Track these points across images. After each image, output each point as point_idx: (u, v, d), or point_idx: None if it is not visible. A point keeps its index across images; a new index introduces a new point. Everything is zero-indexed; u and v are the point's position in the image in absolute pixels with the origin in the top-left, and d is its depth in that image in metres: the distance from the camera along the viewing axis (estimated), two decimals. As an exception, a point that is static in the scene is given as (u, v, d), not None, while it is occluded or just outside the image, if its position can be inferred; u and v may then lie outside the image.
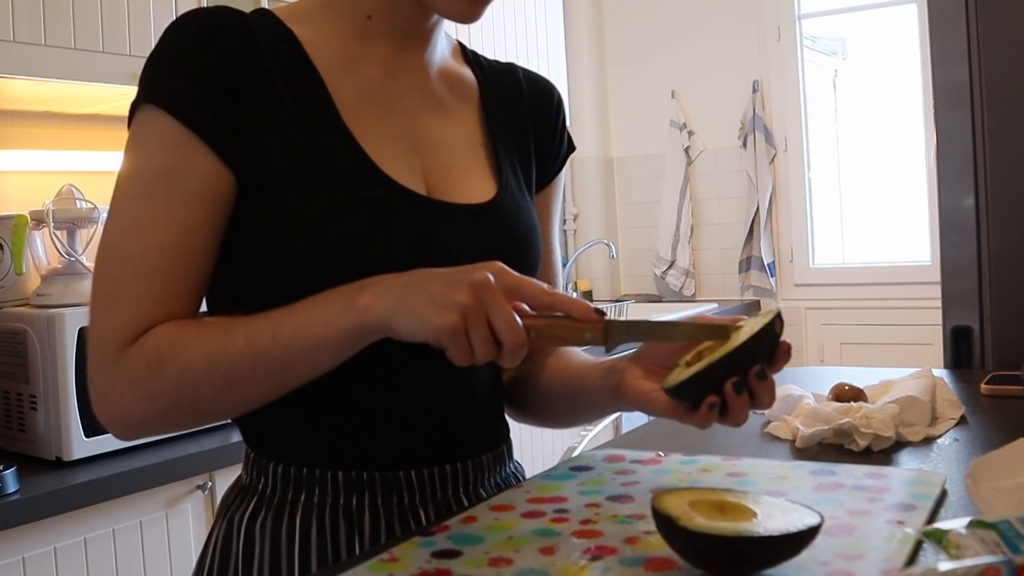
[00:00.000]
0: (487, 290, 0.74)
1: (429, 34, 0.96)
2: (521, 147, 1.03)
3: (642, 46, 4.21)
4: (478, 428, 0.96)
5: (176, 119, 0.81)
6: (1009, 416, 1.20)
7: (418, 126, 0.94)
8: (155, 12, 1.97)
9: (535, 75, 1.10)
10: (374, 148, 0.88)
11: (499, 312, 0.74)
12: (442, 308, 0.73)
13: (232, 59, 0.83)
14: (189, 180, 0.82)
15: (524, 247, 0.96)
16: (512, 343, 0.74)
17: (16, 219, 1.95)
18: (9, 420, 1.78)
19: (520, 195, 0.99)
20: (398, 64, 0.94)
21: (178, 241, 0.81)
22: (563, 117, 1.10)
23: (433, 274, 0.77)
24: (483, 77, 1.03)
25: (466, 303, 0.73)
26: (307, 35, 0.90)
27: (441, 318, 0.73)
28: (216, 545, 0.92)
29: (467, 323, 0.73)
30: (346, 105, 0.89)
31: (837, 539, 0.73)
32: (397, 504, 0.89)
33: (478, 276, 0.74)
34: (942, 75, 1.72)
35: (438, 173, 0.93)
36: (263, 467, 0.91)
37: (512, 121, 1.03)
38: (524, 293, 0.77)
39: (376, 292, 0.77)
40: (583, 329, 0.78)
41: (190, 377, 0.79)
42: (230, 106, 0.82)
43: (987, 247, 1.69)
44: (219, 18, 0.85)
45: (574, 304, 0.78)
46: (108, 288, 0.82)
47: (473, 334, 0.74)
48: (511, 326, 0.74)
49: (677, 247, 4.09)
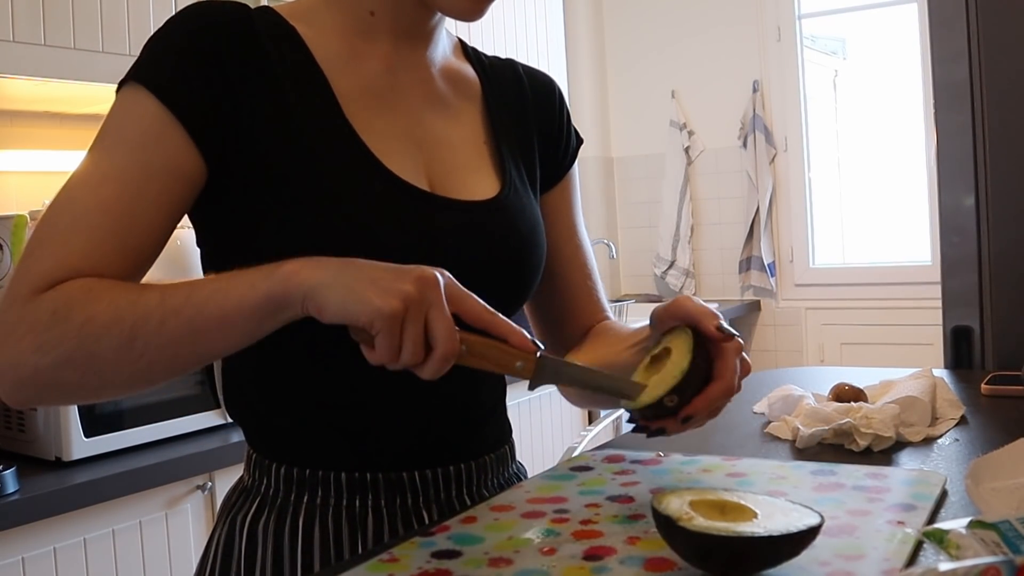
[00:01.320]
0: (434, 288, 0.72)
1: (432, 31, 0.96)
2: (525, 144, 1.02)
3: (642, 46, 4.21)
4: (481, 429, 0.96)
5: (157, 98, 0.80)
6: (1009, 416, 1.20)
7: (421, 123, 0.94)
8: (155, 12, 1.96)
9: (534, 70, 1.09)
10: (377, 144, 0.88)
11: (439, 314, 0.71)
12: (385, 292, 0.70)
13: (232, 50, 0.83)
14: (155, 153, 0.80)
15: (528, 245, 0.96)
16: (444, 349, 0.71)
17: (16, 219, 1.95)
18: (9, 420, 1.78)
19: (524, 193, 0.99)
20: (400, 61, 0.94)
21: (124, 204, 0.79)
22: (566, 110, 1.10)
23: (378, 263, 0.74)
24: (484, 74, 1.03)
25: (411, 293, 0.70)
26: (309, 32, 0.90)
27: (383, 300, 0.69)
28: (218, 546, 0.91)
29: (406, 314, 0.70)
30: (349, 101, 0.88)
31: (837, 539, 0.72)
32: (400, 505, 0.89)
33: (427, 272, 0.72)
34: (942, 74, 1.72)
35: (441, 170, 0.93)
36: (265, 468, 0.91)
37: (515, 118, 1.03)
38: (466, 306, 0.74)
39: (306, 263, 0.74)
40: (515, 357, 0.76)
41: (92, 328, 0.74)
42: (221, 100, 0.82)
43: (987, 247, 1.69)
44: (224, 10, 0.85)
45: (512, 330, 0.76)
46: (42, 234, 0.79)
47: (408, 328, 0.70)
48: (448, 331, 0.71)
49: (677, 247, 4.09)
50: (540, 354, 0.77)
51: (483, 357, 0.75)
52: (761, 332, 4.04)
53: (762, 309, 4.03)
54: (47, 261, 0.77)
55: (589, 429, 2.60)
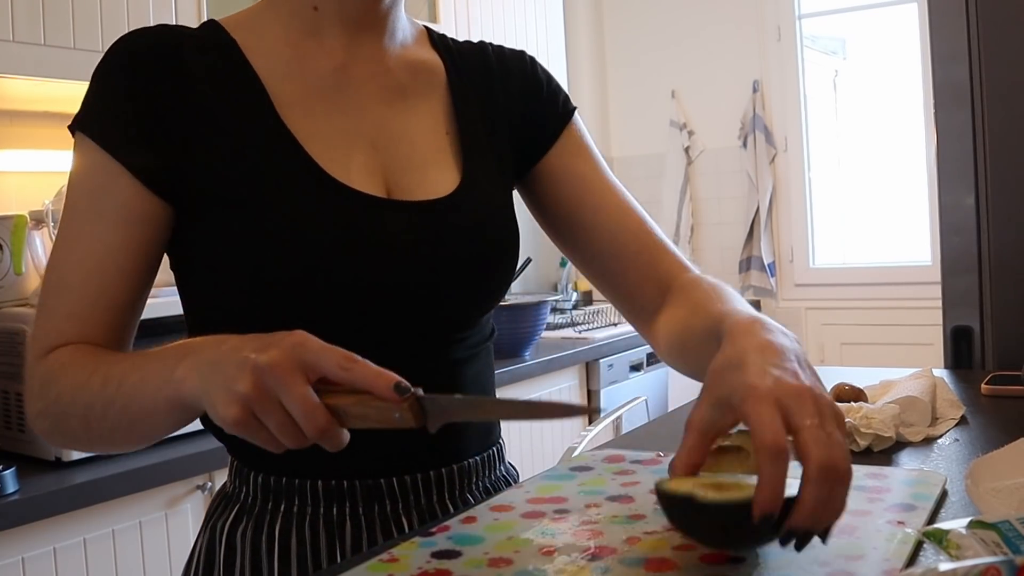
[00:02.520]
0: (271, 373, 0.65)
1: (384, 19, 0.92)
2: (497, 129, 0.98)
3: (642, 46, 4.21)
4: (463, 432, 0.93)
5: (99, 146, 0.82)
6: (1009, 416, 1.20)
7: (375, 121, 0.91)
8: (155, 12, 1.97)
9: (504, 48, 1.04)
10: (321, 150, 0.86)
11: (290, 397, 0.65)
12: (227, 398, 0.66)
13: (157, 82, 0.83)
14: (109, 202, 0.83)
15: (490, 240, 0.92)
16: (311, 428, 0.66)
17: (16, 219, 1.96)
18: (8, 420, 1.78)
19: (490, 183, 0.95)
20: (353, 56, 0.91)
21: (94, 260, 0.82)
22: (541, 75, 1.03)
23: (238, 347, 0.68)
24: (451, 61, 0.99)
25: (247, 393, 0.65)
26: (251, 41, 0.89)
27: (225, 410, 0.66)
28: (200, 553, 0.91)
29: (257, 412, 0.66)
30: (290, 108, 0.87)
31: (837, 539, 0.72)
32: (379, 513, 0.88)
33: (262, 359, 0.65)
34: (942, 75, 1.72)
35: (398, 169, 0.90)
36: (245, 476, 0.90)
37: (483, 103, 0.98)
38: (320, 368, 0.66)
39: (189, 364, 0.71)
40: (391, 409, 0.67)
41: (59, 407, 0.80)
42: (155, 132, 0.83)
43: (987, 247, 1.69)
44: (148, 40, 0.85)
45: (375, 380, 0.66)
46: (41, 298, 0.85)
47: (268, 421, 0.66)
48: (305, 410, 0.65)
49: (677, 247, 4.09)
50: (414, 396, 0.67)
51: (362, 417, 0.68)
52: (761, 332, 4.03)
53: (762, 309, 4.03)
54: (43, 327, 0.83)
55: (589, 429, 2.60)
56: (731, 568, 0.68)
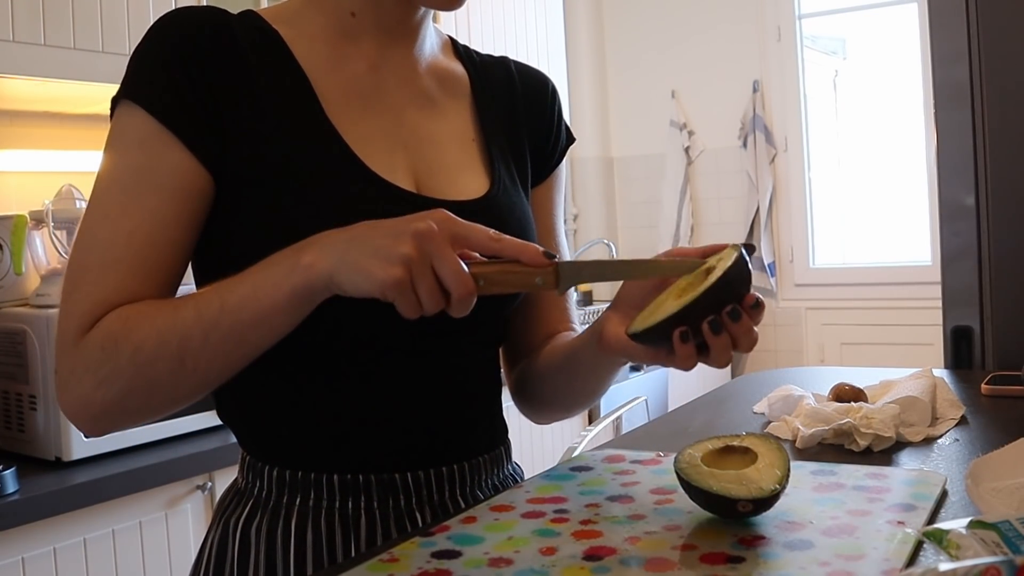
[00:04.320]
0: (431, 240, 0.71)
1: (416, 29, 0.95)
2: (515, 143, 1.01)
3: (642, 46, 4.21)
4: (474, 429, 0.95)
5: (151, 115, 0.82)
6: (1009, 416, 1.20)
7: (407, 123, 0.93)
8: (155, 12, 1.96)
9: (528, 68, 1.08)
10: (361, 145, 0.87)
11: (445, 261, 0.71)
12: (386, 261, 0.71)
13: (212, 58, 0.83)
14: (162, 174, 0.82)
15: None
16: (460, 292, 0.72)
17: (16, 219, 1.96)
18: (9, 420, 1.78)
19: (514, 191, 0.98)
20: (386, 61, 0.93)
21: (147, 232, 0.81)
22: (559, 108, 1.08)
23: (376, 226, 0.74)
24: (475, 72, 1.02)
25: (410, 255, 0.71)
26: (292, 35, 0.90)
27: (385, 272, 0.71)
28: (212, 548, 0.91)
29: (413, 275, 0.71)
30: (332, 103, 0.88)
31: (837, 539, 0.72)
32: (393, 507, 0.89)
33: (422, 226, 0.72)
34: (942, 74, 1.72)
35: (428, 170, 0.92)
36: (258, 471, 0.90)
37: (505, 116, 1.02)
38: (471, 240, 0.74)
39: (318, 248, 0.75)
40: (533, 274, 0.76)
41: (143, 356, 0.77)
42: (207, 104, 0.83)
43: (987, 246, 1.69)
44: (201, 17, 0.85)
45: (523, 249, 0.76)
46: (74, 276, 0.82)
47: (419, 286, 0.71)
48: (458, 275, 0.72)
49: (677, 247, 4.09)
50: (556, 263, 0.77)
51: (502, 283, 0.76)
52: (761, 332, 3.97)
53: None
54: (84, 303, 0.80)
55: (589, 429, 2.60)
56: (731, 568, 0.68)
